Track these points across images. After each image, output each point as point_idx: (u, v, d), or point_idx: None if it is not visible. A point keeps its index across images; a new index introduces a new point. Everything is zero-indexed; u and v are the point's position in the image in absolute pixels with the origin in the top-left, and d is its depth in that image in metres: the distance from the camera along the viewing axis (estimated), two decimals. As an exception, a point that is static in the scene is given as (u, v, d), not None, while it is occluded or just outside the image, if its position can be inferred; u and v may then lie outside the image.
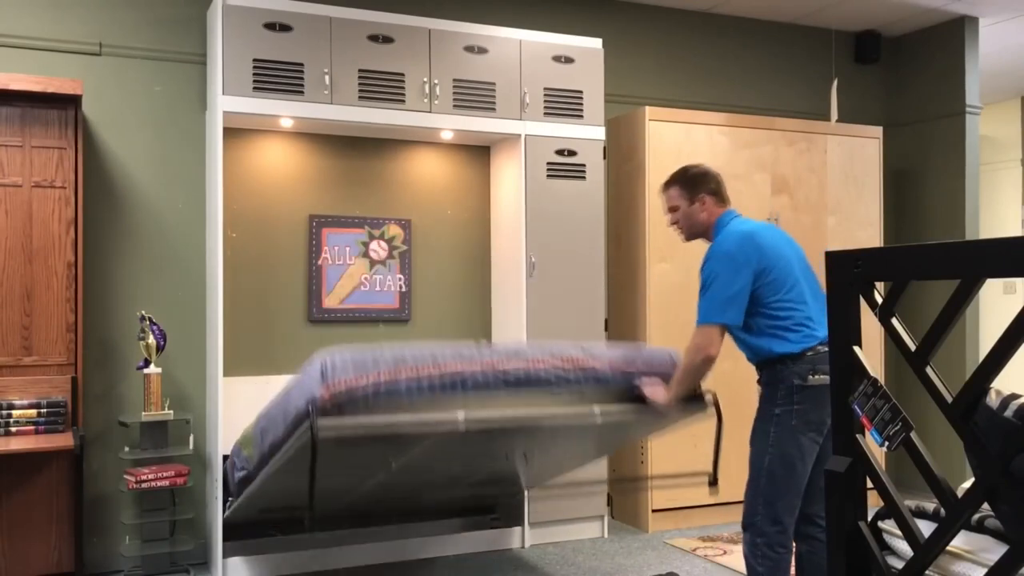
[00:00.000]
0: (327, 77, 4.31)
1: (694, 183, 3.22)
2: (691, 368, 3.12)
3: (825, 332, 3.00)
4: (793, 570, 3.16)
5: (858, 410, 1.72)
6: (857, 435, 1.75)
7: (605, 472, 5.02)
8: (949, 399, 1.54)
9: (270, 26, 4.22)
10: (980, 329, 5.91)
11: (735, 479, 5.19)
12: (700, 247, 5.29)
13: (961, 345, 5.75)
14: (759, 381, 3.15)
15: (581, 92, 4.85)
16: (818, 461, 3.06)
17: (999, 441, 1.49)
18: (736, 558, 4.45)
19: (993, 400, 1.54)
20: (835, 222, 5.66)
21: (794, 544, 3.15)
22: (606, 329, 4.88)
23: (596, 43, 4.94)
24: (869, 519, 1.80)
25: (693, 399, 3.31)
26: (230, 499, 4.02)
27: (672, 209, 3.29)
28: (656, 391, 3.23)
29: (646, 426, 3.62)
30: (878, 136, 5.81)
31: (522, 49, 4.72)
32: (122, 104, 4.44)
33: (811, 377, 2.99)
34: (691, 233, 3.31)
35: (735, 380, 5.32)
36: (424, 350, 2.97)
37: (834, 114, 5.20)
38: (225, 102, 4.13)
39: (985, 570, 1.53)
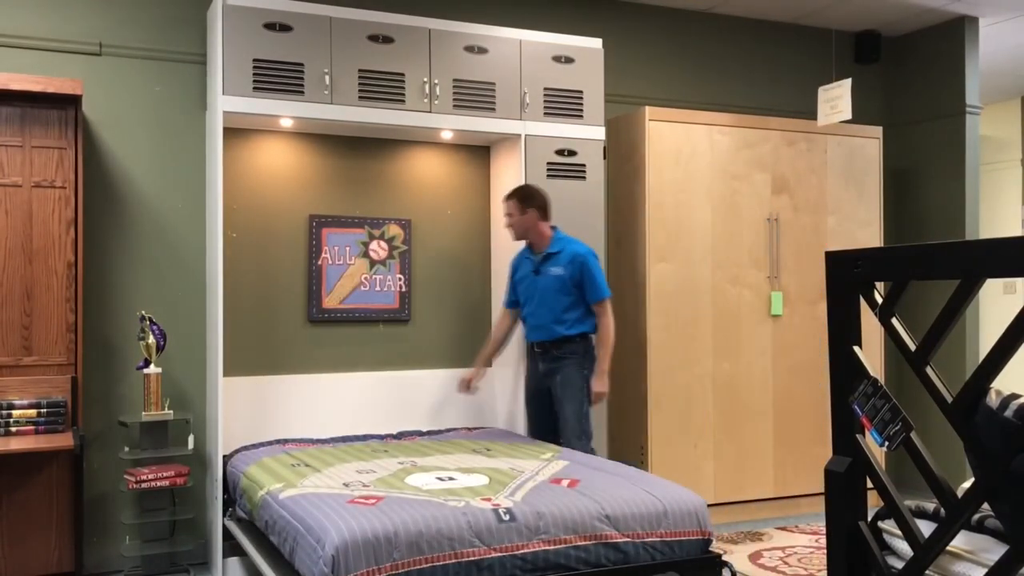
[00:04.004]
0: (327, 77, 4.31)
1: (527, 199, 4.42)
2: (612, 343, 4.43)
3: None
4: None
5: (858, 410, 1.71)
6: (857, 435, 1.75)
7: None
8: (949, 399, 1.54)
9: (270, 26, 4.22)
10: (980, 329, 5.90)
11: (733, 479, 5.20)
12: (698, 249, 5.30)
13: (961, 345, 5.75)
14: (557, 352, 4.36)
15: (581, 92, 4.85)
16: (549, 405, 4.46)
17: (999, 441, 1.49)
18: (736, 557, 4.44)
19: (993, 400, 1.54)
20: (835, 222, 5.66)
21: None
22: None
23: (596, 43, 4.94)
24: (869, 519, 1.80)
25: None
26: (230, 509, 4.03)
27: (508, 215, 4.48)
28: (600, 393, 4.41)
29: None
30: (878, 136, 5.81)
31: (522, 49, 4.72)
32: (122, 104, 4.44)
33: None
34: (519, 235, 4.49)
35: (734, 380, 5.33)
36: (442, 524, 2.87)
37: (847, 113, 5.16)
38: (225, 102, 4.13)
39: (985, 570, 1.53)
